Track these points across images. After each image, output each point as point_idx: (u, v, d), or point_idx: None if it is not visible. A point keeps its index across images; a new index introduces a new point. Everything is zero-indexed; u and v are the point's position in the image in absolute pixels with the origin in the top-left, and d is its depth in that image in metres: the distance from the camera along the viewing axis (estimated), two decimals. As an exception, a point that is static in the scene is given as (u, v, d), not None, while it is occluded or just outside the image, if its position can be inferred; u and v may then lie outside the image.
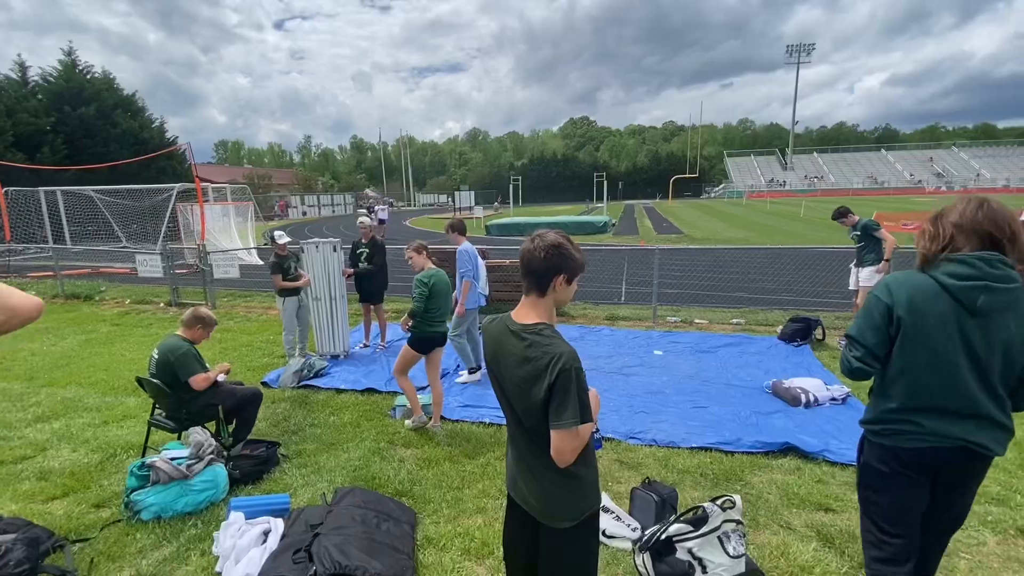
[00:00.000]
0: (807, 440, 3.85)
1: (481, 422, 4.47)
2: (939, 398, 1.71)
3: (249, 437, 4.01)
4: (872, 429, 1.87)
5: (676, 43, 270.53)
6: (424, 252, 4.35)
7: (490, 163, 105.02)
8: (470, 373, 5.53)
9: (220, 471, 3.40)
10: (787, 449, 3.80)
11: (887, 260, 6.02)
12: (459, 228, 5.66)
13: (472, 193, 47.40)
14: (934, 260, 1.73)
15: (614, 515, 2.89)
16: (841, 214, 6.55)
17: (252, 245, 16.10)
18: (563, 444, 1.50)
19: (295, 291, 6.10)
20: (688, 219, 31.71)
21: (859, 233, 6.29)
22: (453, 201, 46.89)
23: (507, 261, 8.54)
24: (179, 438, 3.93)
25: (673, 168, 78.08)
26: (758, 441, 3.90)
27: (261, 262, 14.59)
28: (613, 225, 27.06)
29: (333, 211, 52.89)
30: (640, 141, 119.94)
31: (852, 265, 6.67)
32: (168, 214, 15.92)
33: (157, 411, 3.99)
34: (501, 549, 2.78)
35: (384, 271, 6.79)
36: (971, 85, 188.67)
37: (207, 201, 15.69)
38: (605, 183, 38.98)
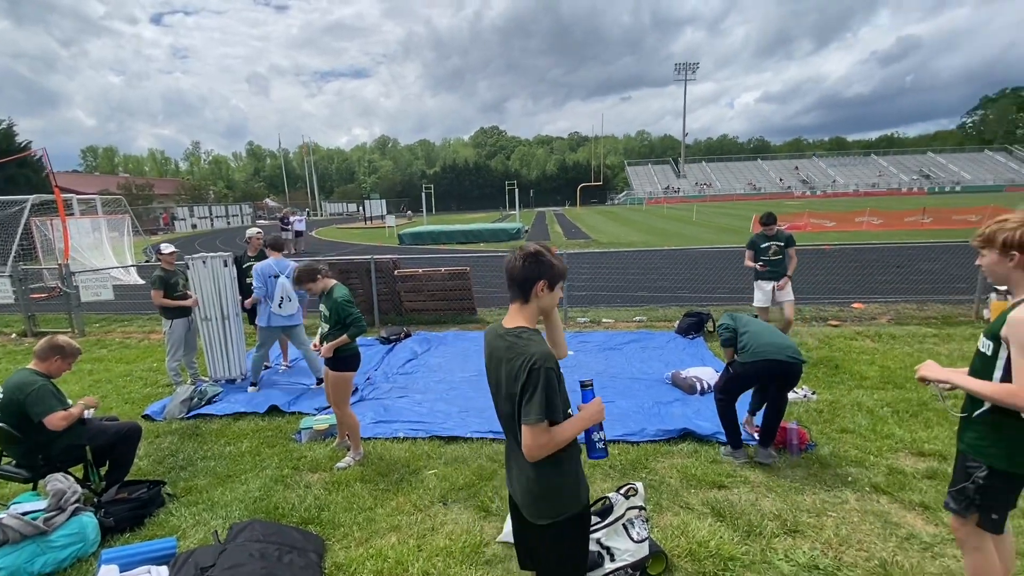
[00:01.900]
0: (702, 424, 4.18)
1: (395, 438, 4.33)
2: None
3: (127, 478, 3.56)
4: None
5: (578, 57, 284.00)
6: (321, 274, 3.90)
7: (401, 171, 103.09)
8: (252, 385, 5.58)
9: (88, 521, 2.98)
10: (685, 434, 4.10)
11: (788, 276, 5.86)
12: (273, 245, 5.67)
13: (383, 202, 46.10)
14: None
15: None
16: (771, 220, 5.86)
17: (130, 262, 14.39)
18: (530, 439, 1.58)
19: (184, 311, 5.54)
20: (595, 225, 33.28)
21: (782, 244, 5.84)
22: (363, 210, 45.24)
23: (420, 271, 8.40)
24: (35, 488, 3.39)
25: (579, 176, 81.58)
26: (660, 429, 4.16)
27: (142, 281, 13.08)
28: (526, 232, 27.68)
29: (228, 223, 48.81)
30: (548, 150, 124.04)
31: (760, 281, 6.03)
32: (20, 230, 13.74)
33: (5, 459, 3.41)
34: (416, 565, 2.72)
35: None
36: (827, 103, 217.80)
37: (71, 215, 13.79)
38: (517, 191, 39.75)
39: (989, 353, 1.92)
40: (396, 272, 8.26)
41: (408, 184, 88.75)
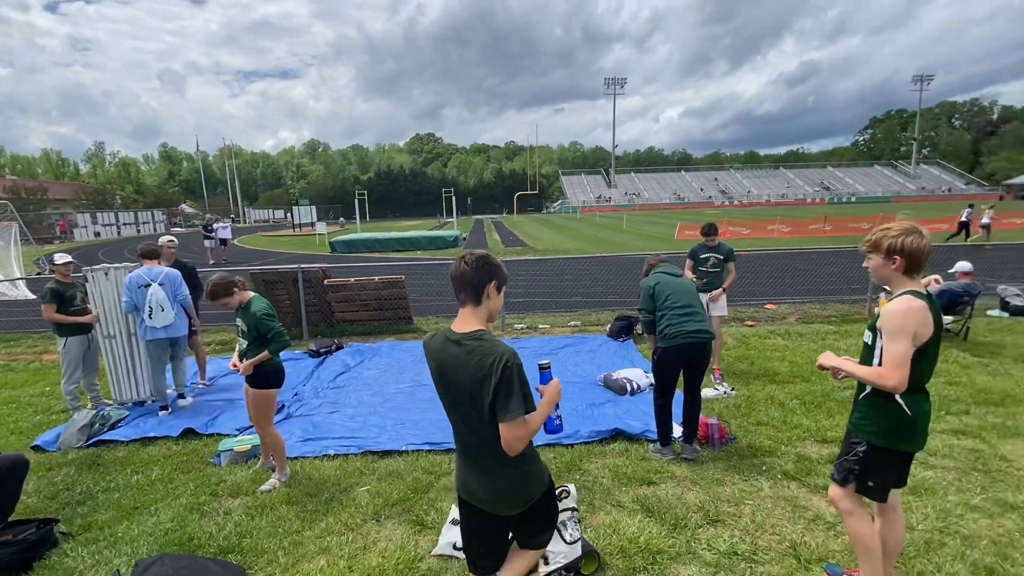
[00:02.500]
0: (631, 423, 4.35)
1: (325, 455, 4.14)
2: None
3: (10, 519, 3.15)
4: None
5: (514, 68, 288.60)
6: (237, 286, 3.62)
7: (333, 176, 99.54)
8: (163, 409, 5.14)
9: (-41, 571, 2.60)
10: (617, 434, 4.24)
11: (724, 289, 5.57)
12: (145, 253, 5.25)
13: (313, 208, 44.27)
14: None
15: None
16: (713, 231, 5.59)
17: (17, 275, 12.85)
18: (511, 434, 1.67)
19: (81, 328, 5.01)
20: (532, 232, 33.82)
21: (722, 258, 5.55)
22: (291, 216, 43.14)
23: (352, 280, 8.13)
24: None
25: (516, 185, 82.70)
26: (593, 431, 4.28)
27: (32, 295, 11.70)
28: (464, 239, 27.61)
29: (139, 230, 44.89)
30: (485, 159, 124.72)
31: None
32: None
33: None
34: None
35: (197, 295, 5.84)
36: (741, 120, 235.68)
37: (-59, 221, 12.08)
38: (454, 198, 39.60)
39: (870, 343, 2.19)
40: (326, 281, 7.95)
41: (340, 190, 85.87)
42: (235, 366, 3.69)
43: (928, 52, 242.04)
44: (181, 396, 5.41)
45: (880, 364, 2.09)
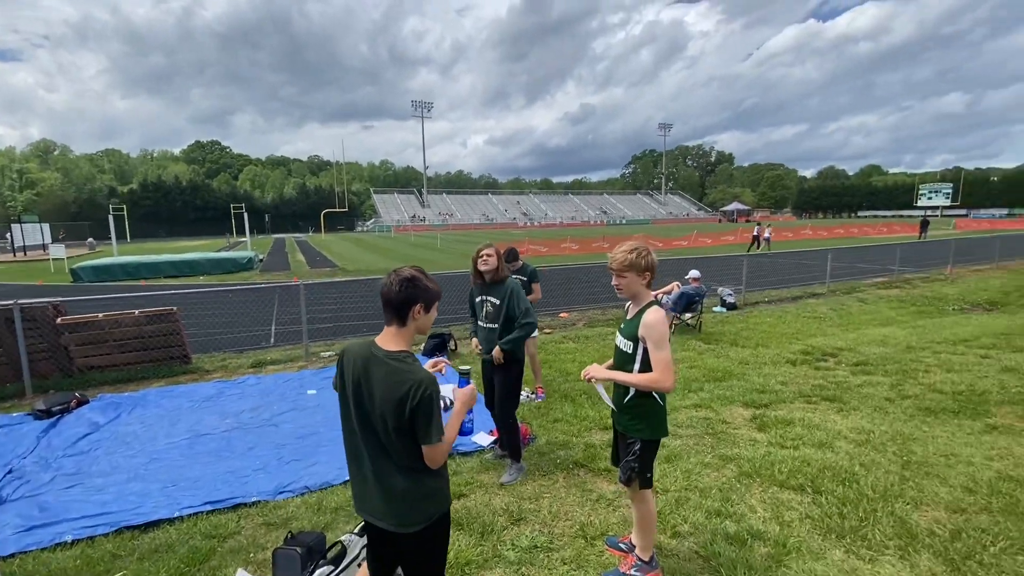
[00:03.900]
0: (444, 441, 4.41)
1: (61, 543, 3.21)
2: None
3: None
4: None
5: (315, 79, 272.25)
6: None
7: (77, 187, 79.50)
8: None
9: None
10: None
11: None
12: None
13: (44, 226, 34.62)
14: None
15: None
16: (513, 257, 5.54)
17: None
18: (433, 455, 1.76)
19: None
20: (342, 252, 32.09)
21: (526, 279, 5.63)
22: (10, 237, 32.94)
23: (100, 316, 6.55)
24: None
25: (323, 202, 77.76)
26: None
27: None
28: (261, 260, 24.76)
29: None
30: (286, 172, 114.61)
31: None
32: None
33: None
34: None
35: None
36: (537, 150, 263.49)
37: None
38: (247, 215, 35.23)
39: (629, 351, 2.50)
40: (60, 320, 6.26)
41: (89, 204, 69.40)
42: None
43: (668, 105, 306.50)
44: None
45: (642, 369, 2.41)
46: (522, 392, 5.56)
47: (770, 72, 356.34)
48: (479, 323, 3.97)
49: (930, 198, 78.41)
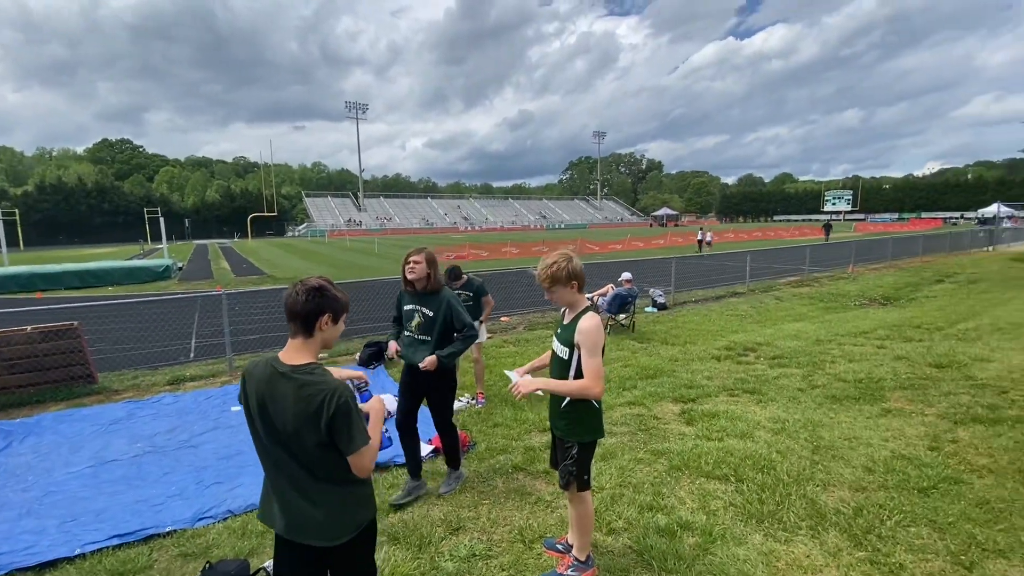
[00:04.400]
0: (380, 453, 4.28)
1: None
2: None
3: None
4: None
5: (241, 76, 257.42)
6: None
7: (-46, 189, 70.36)
8: None
9: None
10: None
11: (481, 321, 5.58)
12: None
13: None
14: None
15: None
16: (455, 276, 5.46)
17: None
18: (360, 462, 1.71)
19: None
20: (271, 259, 30.50)
21: (472, 294, 5.54)
22: None
23: (-16, 333, 5.81)
24: None
25: (250, 206, 73.60)
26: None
27: None
28: (180, 269, 23.02)
29: None
30: (208, 175, 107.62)
31: None
32: None
33: None
34: None
35: None
36: (477, 154, 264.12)
37: None
38: (163, 220, 32.58)
39: (566, 357, 2.53)
40: (-67, 340, 5.49)
41: (-30, 208, 61.41)
42: None
43: (603, 113, 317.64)
44: None
45: (577, 376, 2.44)
46: (463, 398, 5.55)
47: (695, 85, 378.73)
48: (406, 332, 3.71)
49: (834, 203, 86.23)
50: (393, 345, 3.83)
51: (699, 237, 28.39)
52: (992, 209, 52.83)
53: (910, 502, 3.26)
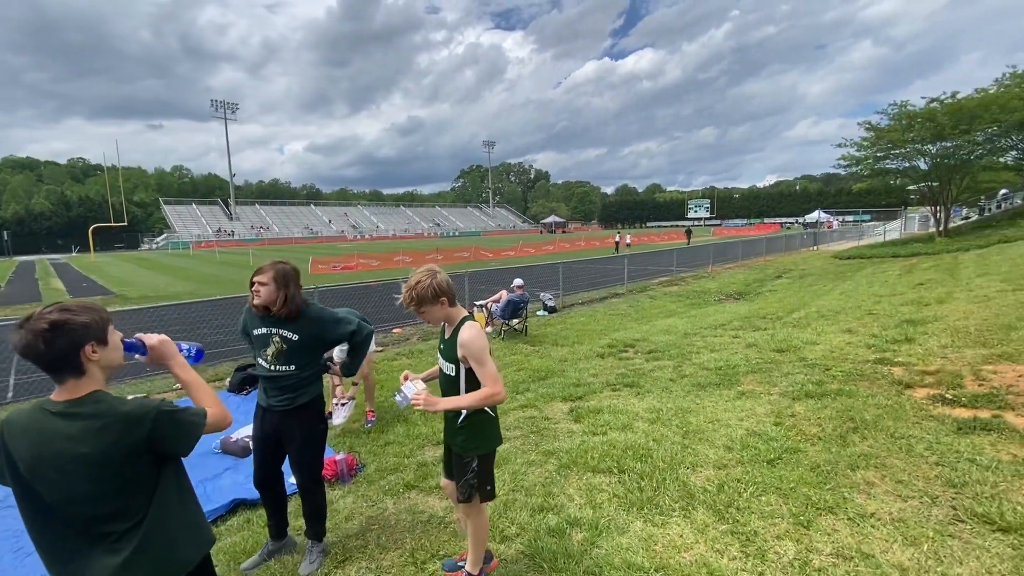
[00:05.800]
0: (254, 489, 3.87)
1: None
2: None
3: None
4: None
5: (78, 65, 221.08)
6: None
7: None
8: None
9: None
10: (237, 505, 3.69)
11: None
12: None
13: None
14: None
15: None
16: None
17: None
18: (215, 425, 1.68)
19: None
20: (120, 275, 26.49)
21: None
22: None
23: None
24: None
25: (92, 215, 63.48)
26: (207, 511, 3.58)
27: None
28: (-7, 292, 19.04)
29: None
30: (35, 178, 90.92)
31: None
32: None
33: None
34: None
35: None
36: (365, 160, 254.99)
37: None
38: (-33, 233, 26.79)
39: (453, 374, 2.46)
40: None
41: None
42: None
43: (492, 123, 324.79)
44: None
45: (469, 389, 2.39)
46: (343, 401, 5.12)
47: (577, 100, 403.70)
48: (261, 362, 2.83)
49: (696, 211, 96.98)
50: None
51: (616, 239, 32.97)
52: (814, 216, 63.81)
53: (761, 474, 3.70)
